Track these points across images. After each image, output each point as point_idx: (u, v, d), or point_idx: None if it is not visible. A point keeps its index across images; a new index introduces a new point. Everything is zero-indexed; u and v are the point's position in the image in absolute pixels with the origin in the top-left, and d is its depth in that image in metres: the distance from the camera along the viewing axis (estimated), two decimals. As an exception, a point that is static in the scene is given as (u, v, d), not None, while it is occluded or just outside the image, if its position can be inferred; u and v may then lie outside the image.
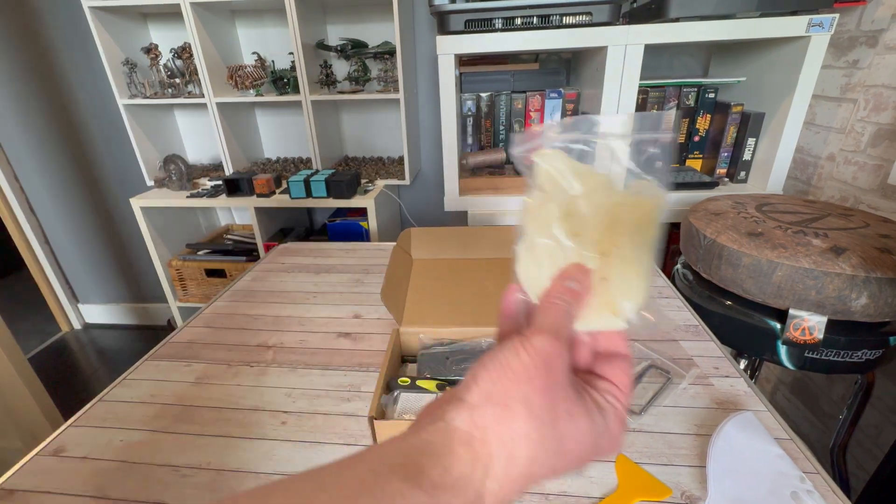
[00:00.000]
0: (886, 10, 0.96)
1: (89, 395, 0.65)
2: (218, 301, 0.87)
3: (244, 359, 0.70)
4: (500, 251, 0.87)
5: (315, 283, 0.92)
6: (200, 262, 1.72)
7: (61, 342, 2.20)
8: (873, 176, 1.00)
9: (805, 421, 1.24)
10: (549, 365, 0.21)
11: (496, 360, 0.21)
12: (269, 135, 1.83)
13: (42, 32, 1.69)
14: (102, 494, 0.48)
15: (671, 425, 0.55)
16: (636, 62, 1.05)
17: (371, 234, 1.52)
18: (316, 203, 1.48)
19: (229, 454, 0.53)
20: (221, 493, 0.48)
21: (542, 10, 1.03)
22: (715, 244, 0.82)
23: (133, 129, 1.60)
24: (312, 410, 0.59)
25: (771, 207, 0.90)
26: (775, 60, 1.11)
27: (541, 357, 0.21)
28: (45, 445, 0.55)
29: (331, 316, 0.81)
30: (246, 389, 0.63)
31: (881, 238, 0.74)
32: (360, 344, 0.73)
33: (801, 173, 1.22)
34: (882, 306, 0.68)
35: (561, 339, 0.22)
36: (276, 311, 0.83)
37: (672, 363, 0.65)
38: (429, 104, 1.67)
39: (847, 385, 1.10)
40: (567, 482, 0.48)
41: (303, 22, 1.40)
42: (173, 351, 0.72)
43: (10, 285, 2.69)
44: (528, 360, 0.21)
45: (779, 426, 0.53)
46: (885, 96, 0.97)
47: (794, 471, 0.46)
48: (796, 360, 0.78)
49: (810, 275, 0.70)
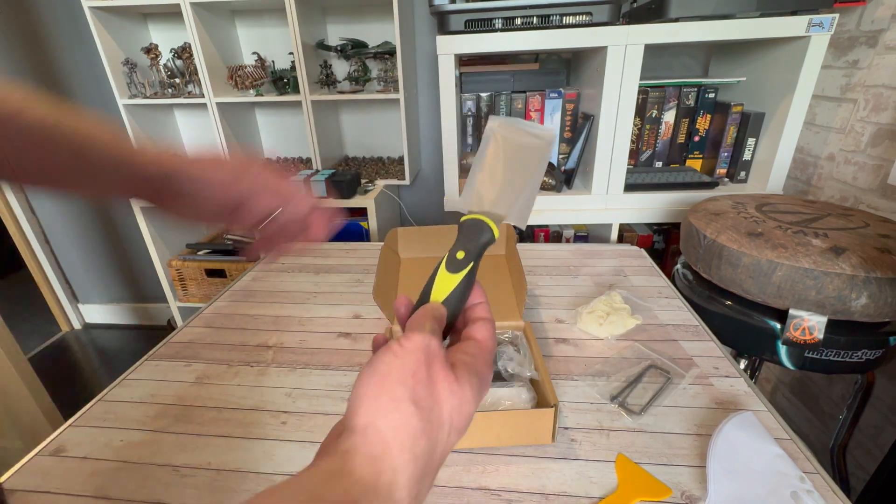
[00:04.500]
0: (886, 10, 0.96)
1: (89, 395, 0.65)
2: (218, 301, 0.87)
3: (244, 359, 0.70)
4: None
5: (315, 283, 0.92)
6: (200, 262, 1.72)
7: (61, 342, 2.20)
8: (873, 176, 1.00)
9: (805, 421, 1.24)
10: (427, 354, 0.23)
11: (376, 373, 0.23)
12: (269, 135, 1.83)
13: (42, 32, 1.69)
14: (102, 494, 0.48)
15: (671, 425, 0.55)
16: (636, 62, 1.05)
17: (371, 234, 1.52)
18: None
19: (229, 454, 0.53)
20: (221, 493, 0.48)
21: (542, 11, 1.03)
22: (715, 244, 0.82)
23: (133, 129, 1.60)
24: (312, 410, 0.59)
25: (771, 207, 0.90)
26: (775, 60, 1.11)
27: (420, 350, 0.23)
28: (45, 445, 0.55)
29: (331, 316, 0.81)
30: (246, 389, 0.63)
31: (881, 238, 0.74)
32: (360, 344, 0.73)
33: (801, 173, 1.22)
34: (882, 306, 0.68)
35: (437, 335, 0.25)
36: (276, 311, 0.83)
37: (672, 363, 0.65)
38: (429, 104, 1.67)
39: (847, 385, 1.10)
40: (567, 482, 0.48)
41: (303, 22, 1.40)
42: (173, 351, 0.72)
43: (10, 285, 2.69)
44: (407, 358, 0.23)
45: (779, 426, 0.53)
46: (884, 96, 0.97)
47: (793, 470, 0.46)
48: (796, 360, 0.78)
49: (810, 275, 0.70)
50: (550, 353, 0.69)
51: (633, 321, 0.74)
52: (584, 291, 0.86)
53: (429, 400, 0.22)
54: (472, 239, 0.30)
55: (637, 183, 1.19)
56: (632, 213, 1.21)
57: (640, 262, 0.97)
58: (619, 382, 0.62)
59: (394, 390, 0.22)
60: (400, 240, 0.88)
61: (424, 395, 0.22)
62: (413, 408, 0.21)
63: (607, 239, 1.29)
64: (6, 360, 1.27)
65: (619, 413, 0.57)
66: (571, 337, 0.73)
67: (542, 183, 1.26)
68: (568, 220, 1.23)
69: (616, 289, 0.82)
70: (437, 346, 0.24)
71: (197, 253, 1.76)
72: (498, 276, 0.81)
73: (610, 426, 0.55)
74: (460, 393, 0.23)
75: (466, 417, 0.24)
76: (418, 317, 0.27)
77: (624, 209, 1.21)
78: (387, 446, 0.20)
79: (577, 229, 1.43)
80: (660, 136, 1.26)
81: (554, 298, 0.84)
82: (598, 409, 0.58)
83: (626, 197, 1.19)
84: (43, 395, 1.40)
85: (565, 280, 0.90)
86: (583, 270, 0.94)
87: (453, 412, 0.23)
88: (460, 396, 0.23)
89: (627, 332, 0.73)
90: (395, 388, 0.22)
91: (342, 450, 0.20)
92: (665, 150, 1.28)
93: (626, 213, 1.21)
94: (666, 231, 1.46)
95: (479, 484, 0.48)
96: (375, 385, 0.22)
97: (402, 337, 0.25)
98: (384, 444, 0.20)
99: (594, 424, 0.55)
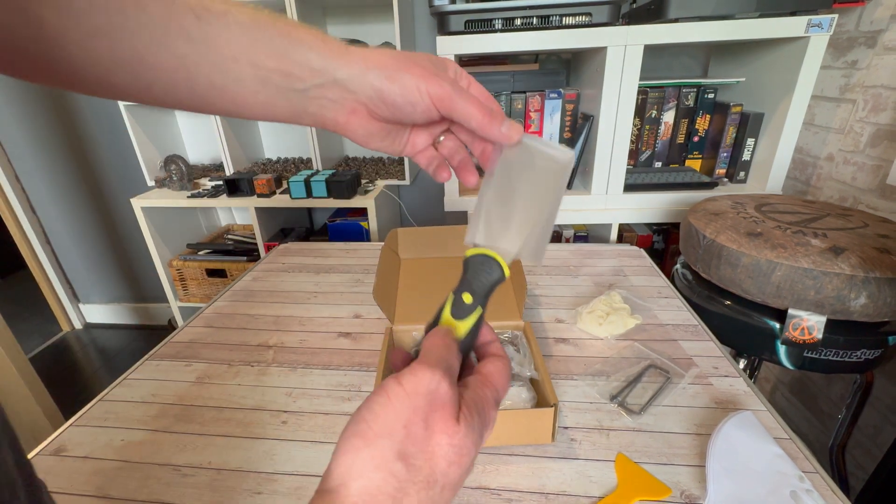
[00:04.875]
0: (885, 10, 0.96)
1: (90, 395, 0.65)
2: (218, 301, 0.87)
3: (245, 358, 0.70)
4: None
5: (315, 283, 0.92)
6: (201, 262, 1.72)
7: (62, 342, 2.20)
8: (872, 176, 1.00)
9: (804, 420, 1.24)
10: (431, 400, 0.20)
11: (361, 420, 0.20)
12: (269, 135, 1.83)
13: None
14: (103, 494, 0.48)
15: (671, 425, 0.55)
16: (636, 62, 1.05)
17: (371, 234, 1.53)
18: (316, 203, 1.48)
19: (230, 454, 0.53)
20: (222, 492, 0.48)
21: (542, 11, 1.04)
22: (714, 244, 0.82)
23: (134, 129, 1.60)
24: (313, 410, 0.59)
25: (770, 207, 0.90)
26: (774, 61, 1.11)
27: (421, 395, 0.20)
28: (46, 445, 0.55)
29: (331, 316, 0.81)
30: (246, 389, 0.63)
31: (880, 238, 0.74)
32: (360, 344, 0.73)
33: (801, 173, 1.22)
34: (881, 306, 0.68)
35: (451, 375, 0.22)
36: (276, 311, 0.83)
37: (671, 363, 0.65)
38: (429, 104, 1.67)
39: (846, 385, 1.10)
40: (567, 482, 0.48)
41: (303, 22, 1.40)
42: (174, 351, 0.73)
43: (10, 285, 2.69)
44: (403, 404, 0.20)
45: (778, 426, 0.54)
46: (883, 97, 0.97)
47: (793, 470, 0.46)
48: (795, 359, 0.78)
49: (809, 275, 0.70)
50: (550, 352, 0.69)
51: (632, 321, 0.74)
52: (584, 291, 0.86)
53: (420, 456, 0.19)
54: (479, 279, 0.27)
55: (636, 183, 1.19)
56: (631, 213, 1.21)
57: (640, 262, 0.97)
58: (619, 382, 0.62)
59: (377, 444, 0.19)
60: (400, 240, 0.88)
61: (416, 449, 0.19)
62: (399, 465, 0.19)
63: (607, 239, 1.29)
64: (7, 360, 1.27)
65: (619, 413, 0.57)
66: (571, 337, 0.73)
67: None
68: (568, 220, 1.24)
69: (616, 289, 0.82)
70: (446, 390, 0.21)
71: (197, 253, 1.76)
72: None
73: (610, 426, 0.55)
74: (460, 444, 0.20)
75: (464, 471, 0.21)
76: (433, 344, 0.23)
77: (623, 209, 1.21)
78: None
79: (577, 229, 1.43)
80: (659, 137, 1.27)
81: (554, 298, 0.84)
82: (598, 409, 0.58)
83: (625, 197, 1.20)
84: (44, 394, 1.40)
85: (565, 280, 0.90)
86: (583, 270, 0.94)
87: (450, 467, 0.20)
88: (459, 448, 0.20)
89: (627, 332, 0.73)
90: (378, 442, 0.19)
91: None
92: (664, 151, 1.28)
93: (625, 213, 1.22)
94: (665, 231, 1.46)
95: (478, 483, 0.49)
96: (357, 437, 0.19)
97: (408, 371, 0.21)
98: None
99: (594, 424, 0.56)
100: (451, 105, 0.28)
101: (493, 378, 0.24)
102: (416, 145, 0.33)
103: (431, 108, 0.28)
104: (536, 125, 1.32)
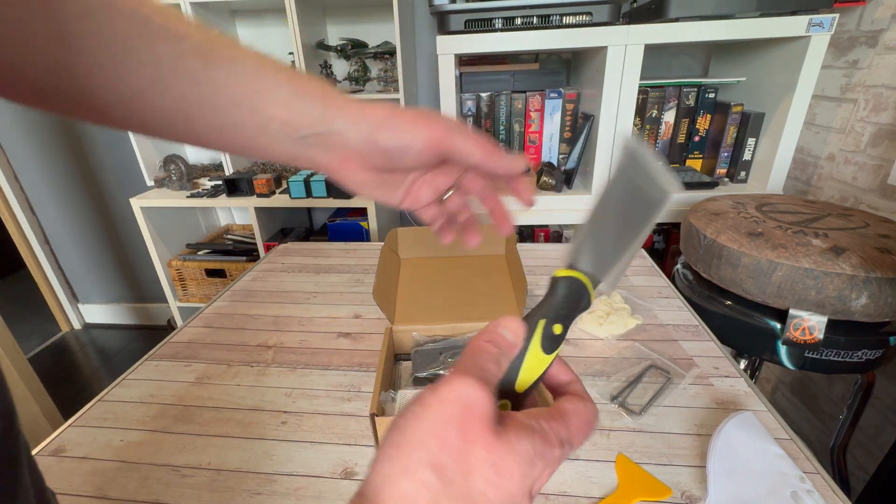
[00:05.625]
0: (886, 10, 0.96)
1: (89, 395, 0.65)
2: (218, 301, 0.87)
3: (244, 359, 0.70)
4: (484, 248, 0.89)
5: (315, 283, 0.92)
6: (200, 262, 1.72)
7: (61, 342, 2.20)
8: (873, 176, 1.00)
9: (805, 421, 1.24)
10: (465, 408, 0.19)
11: (397, 429, 0.19)
12: (269, 135, 1.83)
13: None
14: (102, 494, 0.48)
15: (671, 425, 0.55)
16: (636, 62, 1.05)
17: (371, 234, 1.52)
18: (316, 203, 1.48)
19: (229, 454, 0.53)
20: (221, 493, 0.48)
21: (542, 11, 1.03)
22: (715, 244, 0.82)
23: (133, 129, 1.60)
24: (312, 410, 0.59)
25: (771, 207, 0.90)
26: (775, 60, 1.11)
27: (455, 403, 0.19)
28: (45, 445, 0.55)
29: (331, 316, 0.81)
30: (246, 389, 0.63)
31: (881, 238, 0.74)
32: (360, 344, 0.73)
33: (801, 173, 1.22)
34: (882, 306, 0.68)
35: (486, 383, 0.20)
36: (276, 311, 0.83)
37: (672, 363, 0.65)
38: (429, 104, 1.67)
39: (847, 385, 1.10)
40: (567, 482, 0.48)
41: (303, 22, 1.40)
42: (173, 351, 0.72)
43: (10, 285, 2.69)
44: (436, 413, 0.19)
45: (779, 426, 0.53)
46: (884, 96, 0.97)
47: (794, 470, 0.46)
48: (796, 360, 0.78)
49: (810, 275, 0.70)
50: (550, 353, 0.69)
51: (633, 321, 0.74)
52: (584, 291, 0.86)
53: (455, 468, 0.18)
54: (572, 307, 0.25)
55: (637, 183, 1.19)
56: (632, 213, 1.21)
57: (640, 262, 0.97)
58: (620, 382, 0.62)
59: (410, 454, 0.19)
60: (400, 240, 0.88)
61: (450, 461, 0.18)
62: (431, 475, 0.18)
63: (607, 239, 1.28)
64: (6, 361, 1.27)
65: (620, 413, 0.57)
66: (571, 337, 0.73)
67: (542, 183, 1.26)
68: (568, 220, 1.23)
69: (616, 289, 0.82)
70: (483, 400, 0.20)
71: (197, 253, 1.76)
72: (498, 276, 0.81)
73: (610, 426, 0.55)
74: (497, 461, 0.19)
75: (505, 494, 0.19)
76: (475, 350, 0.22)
77: (624, 209, 1.21)
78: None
79: (577, 229, 1.43)
80: (660, 136, 1.26)
81: (554, 298, 0.84)
82: (599, 409, 0.58)
83: (626, 197, 1.19)
84: (43, 394, 1.40)
85: (565, 280, 0.90)
86: (583, 270, 0.94)
87: (488, 487, 0.19)
88: (496, 465, 0.19)
89: (627, 332, 0.73)
90: (410, 452, 0.19)
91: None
92: (665, 150, 1.28)
93: (626, 213, 1.21)
94: (666, 231, 1.46)
95: (479, 484, 0.48)
96: (391, 446, 0.19)
97: (442, 381, 0.20)
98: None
99: (594, 424, 0.55)
100: (449, 143, 0.28)
101: (567, 416, 0.22)
102: (419, 199, 0.33)
103: (426, 151, 0.28)
104: (536, 125, 1.32)
